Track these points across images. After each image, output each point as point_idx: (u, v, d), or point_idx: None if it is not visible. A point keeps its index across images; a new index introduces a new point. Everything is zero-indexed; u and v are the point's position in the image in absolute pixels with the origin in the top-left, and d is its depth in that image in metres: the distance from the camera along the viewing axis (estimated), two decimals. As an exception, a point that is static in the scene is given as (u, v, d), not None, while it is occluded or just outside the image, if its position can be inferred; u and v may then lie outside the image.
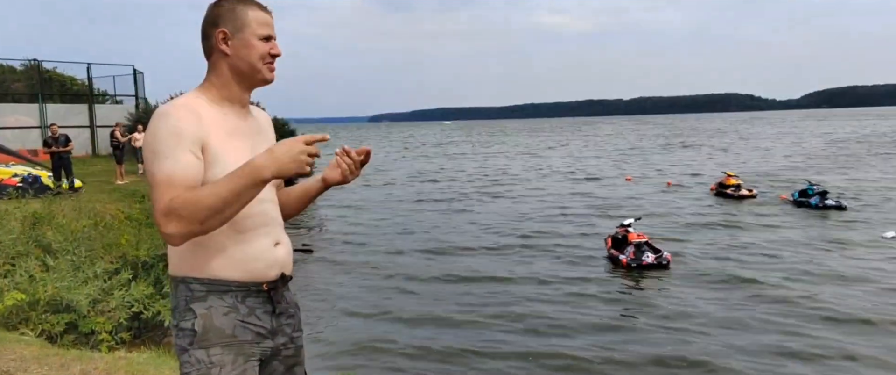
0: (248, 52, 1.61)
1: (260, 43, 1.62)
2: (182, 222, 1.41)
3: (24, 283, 5.60)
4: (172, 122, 1.50)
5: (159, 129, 1.50)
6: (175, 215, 1.41)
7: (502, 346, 8.03)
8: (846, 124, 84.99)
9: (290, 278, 1.72)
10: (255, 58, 1.62)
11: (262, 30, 1.62)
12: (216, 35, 1.61)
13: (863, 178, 24.38)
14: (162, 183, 1.45)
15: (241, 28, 1.61)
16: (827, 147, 42.60)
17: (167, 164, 1.46)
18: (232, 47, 1.61)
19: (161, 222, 1.42)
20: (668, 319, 8.85)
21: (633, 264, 11.52)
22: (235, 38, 1.61)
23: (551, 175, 30.21)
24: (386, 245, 14.58)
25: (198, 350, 1.54)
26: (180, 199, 1.42)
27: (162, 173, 1.46)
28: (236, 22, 1.60)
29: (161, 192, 1.44)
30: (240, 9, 1.61)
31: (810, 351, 7.57)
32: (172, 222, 1.41)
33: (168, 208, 1.41)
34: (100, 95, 24.78)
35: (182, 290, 1.58)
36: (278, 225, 1.71)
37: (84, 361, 4.16)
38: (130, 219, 9.28)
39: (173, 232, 1.42)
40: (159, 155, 1.47)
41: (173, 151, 1.47)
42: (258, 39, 1.62)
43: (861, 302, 9.24)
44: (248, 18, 1.61)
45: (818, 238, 13.74)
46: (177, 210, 1.41)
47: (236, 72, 1.63)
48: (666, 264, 11.50)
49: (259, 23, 1.62)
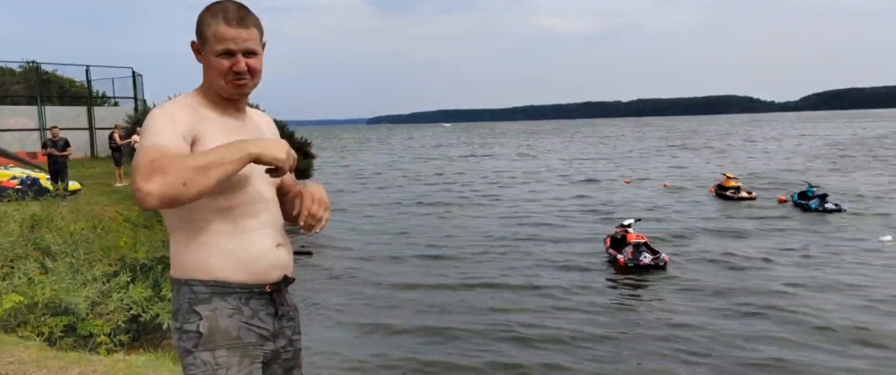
0: (208, 67, 1.62)
1: (218, 60, 1.59)
2: (166, 178, 1.36)
3: (22, 285, 5.60)
4: (169, 108, 1.56)
5: (156, 114, 1.55)
6: (159, 172, 1.37)
7: (497, 357, 7.93)
8: (845, 126, 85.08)
9: (292, 280, 1.73)
10: (214, 75, 1.61)
11: (219, 46, 1.58)
12: (192, 45, 1.64)
13: (861, 181, 24.41)
14: (148, 148, 1.44)
15: (205, 42, 1.61)
16: (826, 149, 42.64)
17: (157, 138, 1.47)
18: (204, 60, 1.63)
19: (140, 180, 1.37)
20: (663, 326, 8.71)
21: (630, 263, 11.52)
22: (203, 53, 1.62)
23: (550, 178, 30.22)
24: (382, 249, 14.57)
25: (203, 352, 1.54)
26: (166, 158, 1.40)
27: (148, 142, 1.46)
28: (201, 36, 1.61)
29: (145, 154, 1.42)
30: (206, 22, 1.59)
31: (804, 361, 7.49)
32: (154, 178, 1.36)
33: (151, 166, 1.38)
34: (99, 97, 24.76)
35: (185, 292, 1.59)
36: (280, 227, 1.72)
37: (83, 364, 4.17)
38: (129, 221, 9.28)
39: (153, 189, 1.36)
40: (152, 133, 1.49)
41: (166, 131, 1.49)
42: (216, 56, 1.59)
43: (857, 314, 9.02)
44: (209, 34, 1.59)
45: (817, 243, 13.71)
46: (162, 167, 1.38)
47: (209, 82, 1.65)
48: (663, 265, 11.51)
49: (217, 39, 1.58)
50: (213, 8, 1.60)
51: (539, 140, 77.35)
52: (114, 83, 24.33)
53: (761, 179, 25.39)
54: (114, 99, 25.17)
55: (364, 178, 32.62)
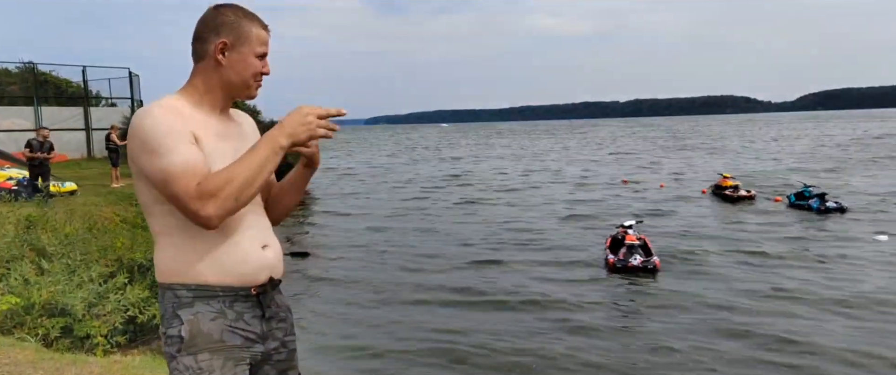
0: (243, 67, 1.63)
1: (255, 61, 1.64)
2: (219, 201, 1.46)
3: (18, 287, 5.59)
4: (159, 120, 1.50)
5: (149, 127, 1.49)
6: (210, 197, 1.45)
7: (495, 357, 7.90)
8: (840, 126, 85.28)
9: (279, 281, 1.72)
10: (249, 75, 1.65)
11: (260, 48, 1.64)
12: (215, 44, 1.60)
13: (857, 180, 24.47)
14: (180, 173, 1.46)
15: (243, 43, 1.62)
16: (821, 149, 42.73)
17: (177, 156, 1.47)
18: (228, 60, 1.62)
19: (196, 207, 1.45)
20: (650, 336, 8.46)
21: (618, 265, 11.49)
22: (234, 52, 1.61)
23: (548, 178, 30.23)
24: (382, 250, 14.56)
25: (186, 357, 1.54)
26: (212, 181, 1.46)
27: (175, 166, 1.46)
28: (240, 36, 1.61)
29: (185, 180, 1.46)
30: (245, 23, 1.62)
31: (804, 363, 7.44)
32: (209, 204, 1.45)
33: (200, 192, 1.45)
34: (95, 97, 24.70)
35: (169, 297, 1.59)
36: (266, 228, 1.71)
37: (79, 365, 4.16)
38: (126, 222, 9.27)
39: (212, 213, 1.46)
40: (162, 151, 1.47)
41: (177, 144, 1.49)
42: (255, 57, 1.64)
43: (857, 333, 8.45)
44: (252, 35, 1.63)
45: (816, 244, 13.69)
46: (212, 191, 1.45)
47: (226, 83, 1.64)
48: (652, 268, 11.34)
49: (260, 41, 1.64)
50: (238, 10, 1.63)
51: (537, 141, 77.40)
52: (110, 84, 24.27)
53: (757, 178, 25.42)
54: (110, 99, 25.11)
55: (363, 179, 32.61)
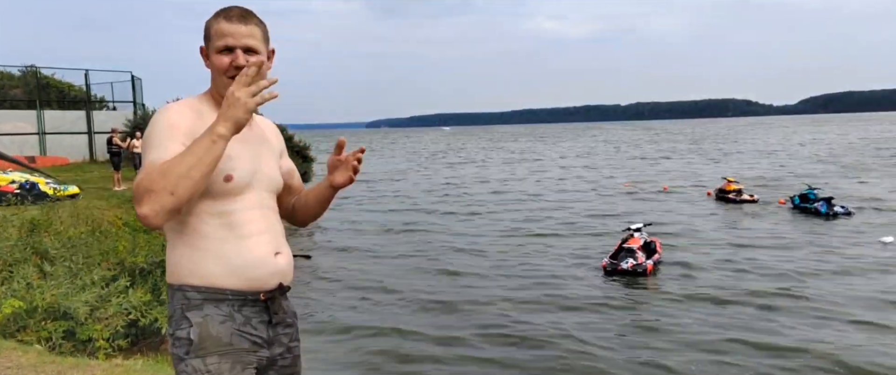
0: (215, 66, 1.62)
1: (219, 57, 1.60)
2: (152, 195, 1.38)
3: (21, 290, 5.58)
4: (170, 114, 1.56)
5: (157, 121, 1.56)
6: (146, 193, 1.38)
7: (492, 356, 7.94)
8: (842, 129, 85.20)
9: (288, 288, 1.71)
10: (217, 73, 1.62)
11: (219, 42, 1.59)
12: (201, 50, 1.65)
13: (861, 183, 24.42)
14: (143, 168, 1.47)
15: (209, 42, 1.62)
16: (825, 152, 42.68)
17: (154, 153, 1.48)
18: (209, 63, 1.64)
19: (136, 206, 1.40)
20: (643, 338, 8.45)
21: (610, 268, 11.50)
22: (209, 53, 1.63)
23: (549, 181, 30.23)
24: (381, 252, 14.57)
25: (194, 360, 1.53)
26: (151, 175, 1.40)
27: (146, 160, 1.49)
28: (208, 35, 1.62)
29: (139, 176, 1.45)
30: (212, 21, 1.61)
31: (805, 363, 7.44)
32: (144, 201, 1.38)
33: (139, 188, 1.40)
34: (97, 101, 24.75)
35: (178, 298, 1.58)
36: (280, 234, 1.71)
37: (81, 368, 4.16)
38: (128, 225, 9.25)
39: (147, 211, 1.38)
40: (150, 146, 1.51)
41: (163, 141, 1.50)
42: (217, 53, 1.60)
43: (857, 334, 8.46)
44: (212, 31, 1.60)
45: (818, 246, 13.66)
46: (148, 187, 1.39)
47: (217, 85, 1.65)
48: (642, 271, 11.28)
49: (218, 35, 1.59)
50: (218, 11, 1.63)
51: (538, 144, 77.38)
52: (113, 87, 24.30)
53: (760, 181, 25.40)
54: (113, 103, 25.14)
55: (363, 181, 32.60)
